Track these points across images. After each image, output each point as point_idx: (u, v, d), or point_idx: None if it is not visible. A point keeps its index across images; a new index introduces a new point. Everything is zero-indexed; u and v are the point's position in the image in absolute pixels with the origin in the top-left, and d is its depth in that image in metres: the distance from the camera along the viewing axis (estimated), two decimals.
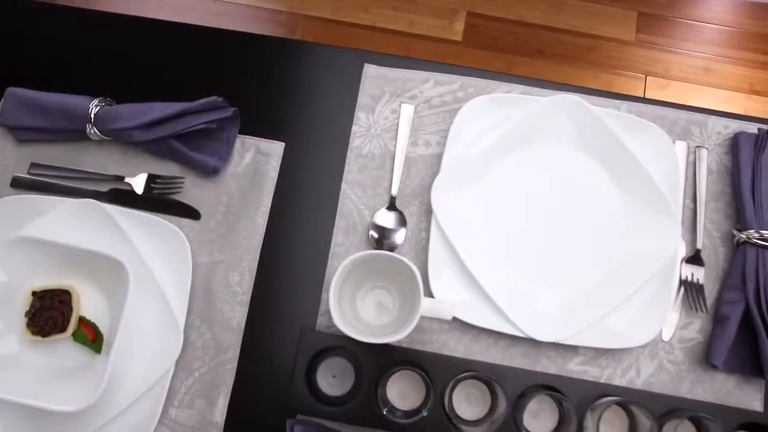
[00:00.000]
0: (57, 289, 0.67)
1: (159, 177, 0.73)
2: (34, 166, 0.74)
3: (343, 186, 0.74)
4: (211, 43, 0.80)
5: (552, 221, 0.73)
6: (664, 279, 0.69)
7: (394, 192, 0.73)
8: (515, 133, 0.73)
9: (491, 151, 0.73)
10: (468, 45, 1.68)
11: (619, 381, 0.69)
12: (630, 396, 0.65)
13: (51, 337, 0.66)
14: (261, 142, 0.75)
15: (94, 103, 0.72)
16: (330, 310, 0.60)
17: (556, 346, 0.69)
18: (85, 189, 0.73)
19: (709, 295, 0.71)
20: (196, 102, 0.71)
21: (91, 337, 0.67)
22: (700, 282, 0.71)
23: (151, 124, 0.70)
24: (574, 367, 0.69)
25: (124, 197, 0.73)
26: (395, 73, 0.78)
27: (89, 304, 0.69)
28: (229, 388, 0.67)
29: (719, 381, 0.69)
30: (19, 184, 0.73)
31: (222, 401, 0.67)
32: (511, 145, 0.74)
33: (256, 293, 0.70)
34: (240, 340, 0.69)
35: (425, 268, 0.69)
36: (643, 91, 1.65)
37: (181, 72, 0.79)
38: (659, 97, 1.64)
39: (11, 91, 0.73)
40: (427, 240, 0.70)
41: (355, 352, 0.65)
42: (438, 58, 1.64)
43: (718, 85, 1.66)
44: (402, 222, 0.72)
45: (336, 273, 0.61)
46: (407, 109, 0.76)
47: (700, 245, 0.72)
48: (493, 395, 0.65)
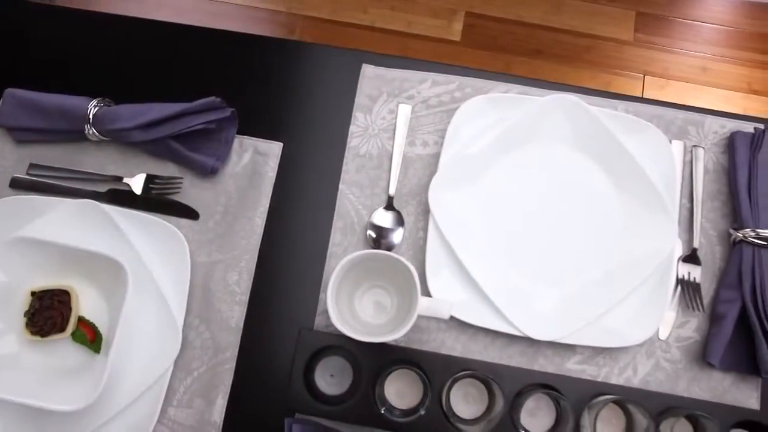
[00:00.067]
0: (56, 289, 0.67)
1: (157, 177, 0.74)
2: (33, 166, 0.74)
3: (341, 186, 0.74)
4: (209, 43, 0.81)
5: (549, 221, 0.73)
6: (661, 278, 0.70)
7: (392, 192, 0.73)
8: (512, 132, 0.73)
9: (488, 151, 0.73)
10: (467, 45, 1.68)
11: (617, 380, 0.69)
12: (627, 394, 0.65)
13: (50, 337, 0.66)
14: (259, 142, 0.75)
15: (93, 103, 0.72)
16: (328, 309, 0.60)
17: (553, 345, 0.69)
18: (83, 189, 0.73)
19: (706, 293, 0.71)
20: (194, 102, 0.71)
21: (90, 337, 0.67)
22: (697, 281, 0.71)
23: (150, 125, 0.70)
24: (572, 366, 0.69)
25: (122, 197, 0.73)
26: (393, 74, 0.78)
27: (88, 304, 0.69)
28: (227, 387, 0.68)
29: (716, 379, 0.69)
30: (18, 185, 0.73)
31: (221, 401, 0.67)
32: (508, 145, 0.74)
33: (254, 293, 0.71)
34: (238, 339, 0.69)
35: (423, 268, 0.69)
36: (641, 91, 1.65)
37: (180, 73, 0.79)
38: (658, 96, 1.64)
39: (10, 92, 0.73)
40: (425, 239, 0.71)
41: (353, 351, 0.65)
42: (437, 58, 1.64)
43: (717, 84, 1.66)
44: (399, 222, 0.72)
45: (334, 272, 0.61)
46: (405, 109, 0.76)
47: (696, 244, 0.72)
48: (490, 394, 0.65)
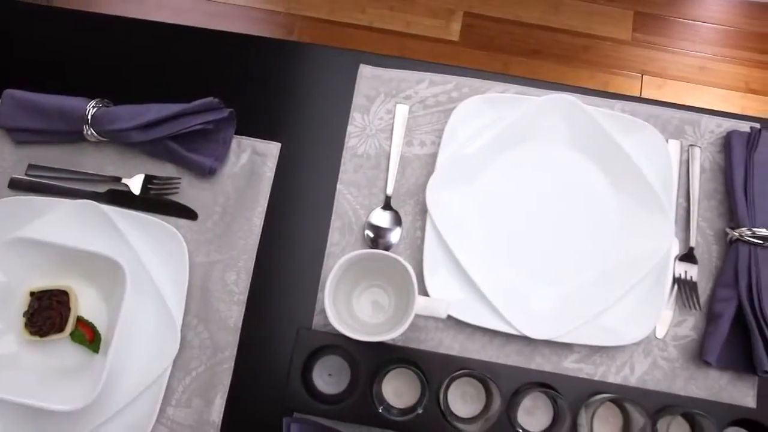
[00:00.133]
0: (55, 289, 0.67)
1: (156, 178, 0.74)
2: (31, 167, 0.74)
3: (339, 186, 0.74)
4: (206, 44, 0.81)
5: (547, 220, 0.73)
6: (657, 277, 0.70)
7: (390, 192, 0.74)
8: (509, 132, 0.73)
9: (486, 151, 0.73)
10: (465, 45, 1.68)
11: (614, 378, 0.69)
12: (624, 393, 0.65)
13: (49, 337, 0.66)
14: (257, 142, 0.75)
15: (91, 104, 0.72)
16: (325, 308, 0.60)
17: (550, 343, 0.69)
18: (82, 190, 0.73)
19: (703, 292, 0.71)
20: (192, 103, 0.71)
21: (89, 337, 0.67)
22: (694, 280, 0.71)
23: (148, 126, 0.71)
24: (569, 365, 0.69)
25: (121, 198, 0.73)
26: (390, 74, 0.78)
27: (87, 304, 0.69)
28: (226, 387, 0.68)
29: (712, 378, 0.69)
30: (17, 186, 0.73)
31: (219, 400, 0.68)
32: (505, 145, 0.74)
33: (252, 293, 0.71)
34: (237, 339, 0.69)
35: (420, 267, 0.70)
36: (639, 91, 1.65)
37: (178, 73, 0.79)
38: (656, 96, 1.64)
39: (9, 92, 0.73)
40: (422, 239, 0.71)
41: (350, 350, 0.66)
42: (435, 58, 1.64)
43: (715, 84, 1.66)
44: (397, 221, 0.73)
45: (331, 272, 0.61)
46: (402, 109, 0.76)
47: (693, 243, 0.72)
48: (487, 393, 0.66)
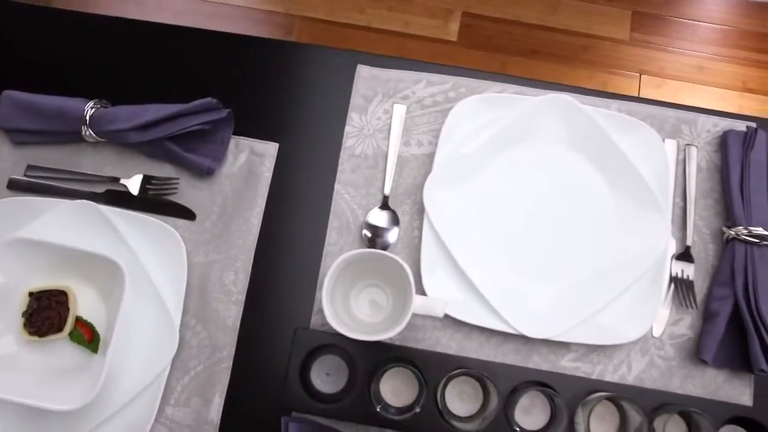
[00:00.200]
0: (54, 289, 0.67)
1: (154, 178, 0.74)
2: (30, 168, 0.74)
3: (337, 186, 0.75)
4: (204, 45, 0.81)
5: (544, 219, 0.73)
6: (654, 276, 0.70)
7: (387, 191, 0.74)
8: (507, 132, 0.74)
9: (483, 151, 0.73)
10: (463, 45, 1.69)
11: (611, 377, 0.69)
12: (620, 391, 0.65)
13: (48, 337, 0.66)
14: (255, 143, 0.76)
15: (90, 105, 0.72)
16: (323, 308, 0.60)
17: (548, 342, 0.70)
18: (81, 190, 0.73)
19: (699, 291, 0.72)
20: (190, 104, 0.71)
21: (87, 337, 0.67)
22: (690, 278, 0.72)
23: (146, 126, 0.71)
24: (566, 364, 0.70)
25: (119, 198, 0.73)
26: (388, 74, 0.78)
27: (86, 304, 0.69)
28: (224, 386, 0.68)
29: (709, 376, 0.69)
30: (15, 186, 0.74)
31: (218, 399, 0.68)
32: (502, 145, 0.74)
33: (250, 292, 0.71)
34: (235, 339, 0.69)
35: (418, 267, 0.70)
36: (637, 90, 1.65)
37: (175, 74, 0.80)
38: (654, 95, 1.64)
39: (7, 93, 0.74)
40: (420, 239, 0.71)
41: (348, 349, 0.66)
42: (433, 58, 1.64)
43: (713, 83, 1.67)
44: (395, 221, 0.73)
45: (329, 272, 0.61)
46: (399, 109, 0.77)
47: (690, 242, 0.73)
48: (485, 392, 0.66)
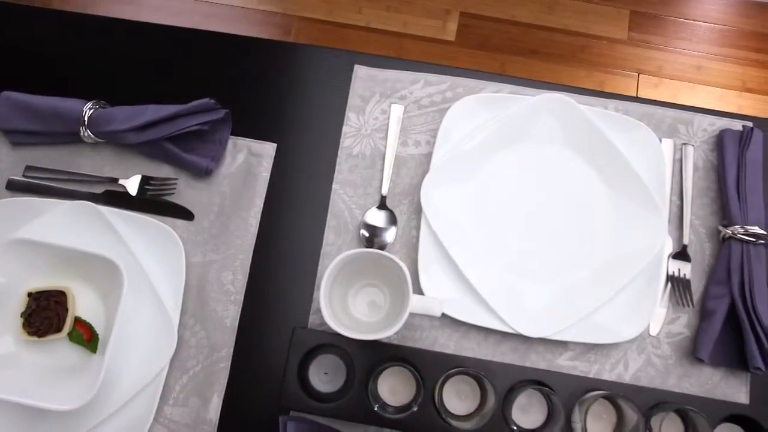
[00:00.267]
0: (53, 290, 0.67)
1: (152, 178, 0.74)
2: (29, 168, 0.75)
3: (334, 186, 0.75)
4: (202, 46, 0.81)
5: (541, 219, 0.74)
6: (651, 275, 0.70)
7: (385, 191, 0.74)
8: (503, 132, 0.74)
9: (480, 150, 0.74)
10: (461, 45, 1.69)
11: (608, 376, 0.69)
12: (618, 390, 0.66)
13: (47, 338, 0.66)
14: (253, 143, 0.76)
15: (88, 105, 0.72)
16: (320, 307, 0.61)
17: (545, 341, 0.70)
18: (79, 191, 0.74)
19: (696, 290, 0.72)
20: (188, 104, 0.71)
21: (86, 337, 0.67)
22: (687, 277, 0.72)
23: (145, 127, 0.71)
24: (563, 363, 0.70)
25: (118, 199, 0.73)
26: (385, 74, 0.79)
27: (85, 304, 0.69)
28: (223, 386, 0.68)
29: (706, 374, 0.69)
30: (14, 187, 0.74)
31: (216, 399, 0.68)
32: (499, 144, 0.74)
33: (249, 292, 0.71)
34: (233, 338, 0.70)
35: (415, 266, 0.70)
36: (635, 90, 1.65)
37: (174, 75, 0.80)
38: (652, 95, 1.64)
39: (5, 94, 0.74)
40: (417, 238, 0.71)
41: (346, 349, 0.66)
42: (431, 58, 1.64)
43: (711, 82, 1.67)
44: (392, 221, 0.73)
45: (326, 271, 0.62)
46: (397, 109, 0.77)
47: (686, 241, 0.73)
48: (482, 390, 0.66)
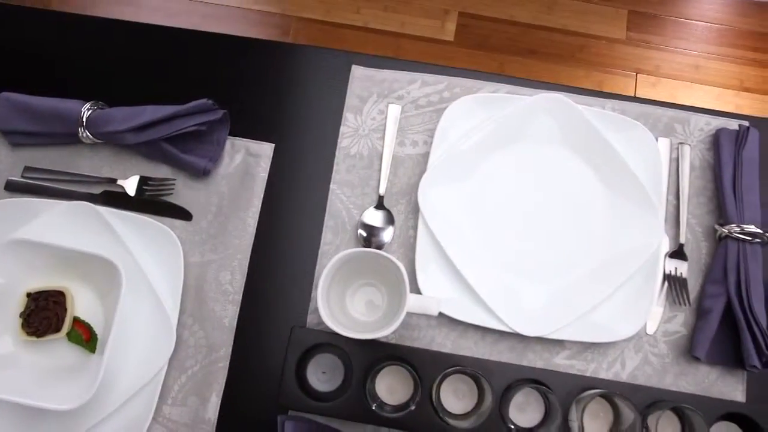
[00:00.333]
0: (51, 290, 0.68)
1: (151, 179, 0.74)
2: (27, 169, 0.75)
3: (332, 186, 0.75)
4: (199, 46, 0.81)
5: (538, 218, 0.74)
6: (648, 273, 0.71)
7: (382, 191, 0.74)
8: (500, 131, 0.74)
9: (477, 150, 0.74)
10: (460, 45, 1.69)
11: (605, 374, 0.70)
12: (614, 388, 0.66)
13: (46, 338, 0.66)
14: (251, 143, 0.76)
15: (86, 106, 0.73)
16: (318, 307, 0.61)
17: (542, 340, 0.70)
18: (78, 191, 0.74)
19: (692, 288, 0.72)
20: (186, 105, 0.71)
21: (85, 337, 0.68)
22: (684, 276, 0.72)
23: (143, 127, 0.71)
24: (561, 361, 0.70)
25: (116, 199, 0.74)
26: (382, 74, 0.79)
27: (83, 304, 0.70)
28: (221, 385, 0.69)
29: (702, 373, 0.70)
30: (13, 188, 0.74)
31: (215, 398, 0.68)
32: (496, 144, 0.75)
33: (247, 292, 0.72)
34: (232, 338, 0.70)
35: (413, 266, 0.70)
36: (634, 89, 1.66)
37: (172, 75, 0.80)
38: (650, 94, 1.65)
39: (4, 95, 0.74)
40: (415, 238, 0.71)
41: (344, 348, 0.66)
42: (430, 58, 1.65)
43: (709, 82, 1.67)
44: (390, 220, 0.73)
45: (324, 271, 0.62)
46: (394, 109, 0.77)
47: (683, 240, 0.73)
48: (480, 389, 0.66)
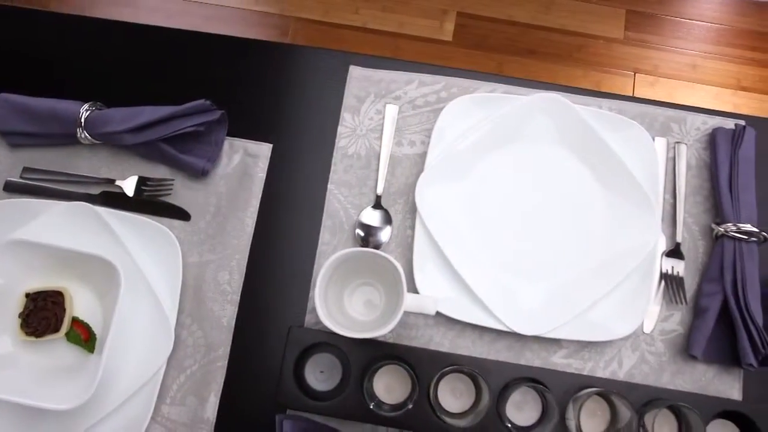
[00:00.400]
0: (50, 290, 0.68)
1: (149, 179, 0.75)
2: (26, 170, 0.75)
3: (330, 186, 0.75)
4: (198, 47, 0.82)
5: (535, 217, 0.74)
6: (645, 272, 0.71)
7: (380, 191, 0.75)
8: (498, 131, 0.74)
9: (474, 150, 0.74)
10: (458, 45, 1.69)
11: (602, 373, 0.70)
12: (611, 387, 0.66)
13: (45, 338, 0.67)
14: (249, 143, 0.76)
15: (85, 107, 0.73)
16: (316, 306, 0.61)
17: (539, 339, 0.70)
18: (76, 192, 0.74)
19: (689, 287, 0.72)
20: (184, 105, 0.72)
21: (84, 337, 0.68)
22: (680, 275, 0.72)
23: (141, 128, 0.71)
24: (558, 360, 0.70)
25: (115, 200, 0.74)
26: (380, 75, 0.79)
27: (82, 304, 0.70)
28: (220, 385, 0.69)
29: (699, 371, 0.70)
30: (12, 188, 0.74)
31: (213, 398, 0.68)
32: (494, 143, 0.75)
33: (245, 292, 0.72)
34: (230, 338, 0.70)
35: (410, 265, 0.70)
36: (632, 89, 1.66)
37: (170, 76, 0.80)
38: (648, 94, 1.65)
39: (3, 96, 0.74)
40: (412, 237, 0.72)
41: (342, 348, 0.66)
42: (429, 58, 1.65)
43: (707, 81, 1.68)
44: (387, 220, 0.74)
45: (321, 270, 0.62)
46: (392, 109, 0.77)
47: (680, 239, 0.73)
48: (477, 388, 0.66)
